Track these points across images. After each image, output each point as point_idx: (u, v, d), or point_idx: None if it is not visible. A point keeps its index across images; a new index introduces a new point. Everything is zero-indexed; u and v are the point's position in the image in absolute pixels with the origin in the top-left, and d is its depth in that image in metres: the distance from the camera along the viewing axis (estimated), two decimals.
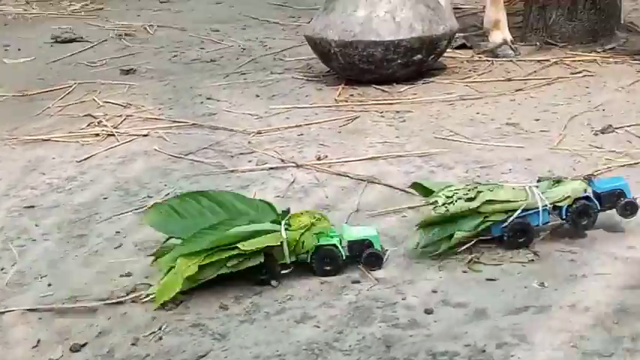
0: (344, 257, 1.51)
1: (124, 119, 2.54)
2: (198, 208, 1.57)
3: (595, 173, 1.81)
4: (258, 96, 2.77)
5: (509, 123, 2.30)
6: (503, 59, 2.99)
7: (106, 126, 2.44)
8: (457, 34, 2.97)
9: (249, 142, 2.27)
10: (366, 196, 1.86)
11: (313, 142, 2.25)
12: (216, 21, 4.11)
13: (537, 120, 2.31)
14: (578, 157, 1.98)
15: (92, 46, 3.64)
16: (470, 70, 2.93)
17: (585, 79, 2.67)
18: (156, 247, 1.62)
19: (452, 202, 1.53)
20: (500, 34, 3.05)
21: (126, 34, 3.82)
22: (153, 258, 1.54)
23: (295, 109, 2.59)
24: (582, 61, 2.89)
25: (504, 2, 3.15)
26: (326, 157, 2.12)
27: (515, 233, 1.52)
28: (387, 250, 1.54)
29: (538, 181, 1.61)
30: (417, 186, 1.69)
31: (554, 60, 2.92)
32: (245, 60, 3.28)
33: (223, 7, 4.52)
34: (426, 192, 1.64)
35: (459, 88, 2.71)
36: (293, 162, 2.09)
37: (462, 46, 3.15)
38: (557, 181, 1.59)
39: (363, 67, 2.74)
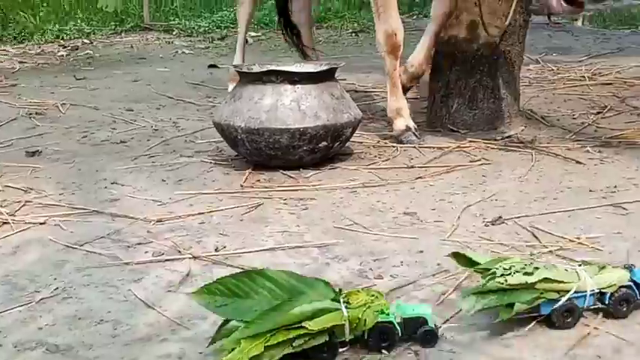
0: (400, 334, 1.55)
1: (23, 205, 2.48)
2: (253, 287, 1.58)
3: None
4: (164, 180, 2.76)
5: (406, 212, 2.36)
6: (408, 145, 3.09)
7: (1, 213, 2.38)
8: None
9: (148, 232, 2.25)
10: None
11: (213, 232, 2.25)
12: (131, 100, 4.12)
13: (433, 210, 2.37)
14: (467, 250, 2.04)
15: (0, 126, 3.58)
16: (375, 156, 3.00)
17: (482, 168, 2.77)
18: (37, 346, 1.57)
19: (510, 274, 1.59)
20: (404, 122, 3.15)
21: (36, 113, 3.78)
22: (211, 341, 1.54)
23: (200, 195, 2.59)
24: (481, 149, 3.01)
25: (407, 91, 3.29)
26: (224, 247, 2.12)
27: (563, 313, 1.59)
28: (440, 326, 1.59)
29: (579, 265, 1.70)
30: (458, 257, 1.73)
31: (454, 147, 3.03)
32: (155, 142, 3.29)
33: (140, 85, 4.54)
34: (468, 263, 1.71)
35: (363, 174, 2.77)
36: (190, 253, 2.08)
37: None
38: (602, 267, 1.68)
39: (269, 153, 2.79)
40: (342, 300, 1.54)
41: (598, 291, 1.63)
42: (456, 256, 1.73)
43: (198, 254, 2.07)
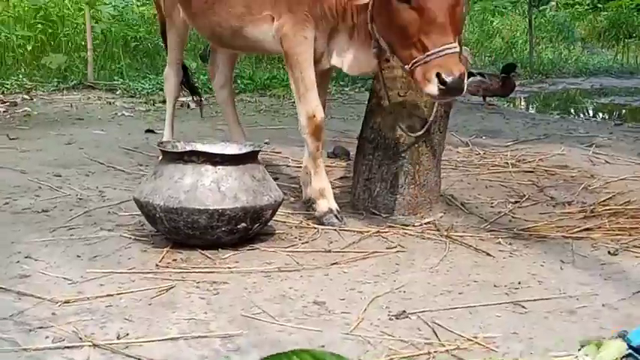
0: None
1: None
2: None
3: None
4: (79, 256, 2.74)
5: (316, 302, 2.39)
6: (329, 227, 3.14)
7: None
8: None
9: (52, 314, 2.22)
10: None
11: (119, 316, 2.23)
12: (60, 164, 4.09)
13: (342, 299, 2.41)
14: (368, 346, 2.07)
15: None
16: (295, 238, 3.04)
17: (397, 255, 2.83)
18: None
19: None
20: (326, 204, 3.21)
21: None
22: None
23: (113, 275, 2.57)
24: (399, 234, 3.07)
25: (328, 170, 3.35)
26: (126, 335, 2.11)
27: None
28: None
29: (581, 346, 1.77)
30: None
31: (374, 232, 3.09)
32: (78, 212, 3.26)
33: (72, 149, 4.51)
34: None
35: (280, 257, 2.80)
36: (90, 340, 2.05)
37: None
38: (598, 345, 1.75)
39: (188, 232, 2.80)
40: None
41: None
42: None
43: (99, 342, 2.05)
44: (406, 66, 2.71)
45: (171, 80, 4.13)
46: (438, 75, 2.59)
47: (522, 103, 7.96)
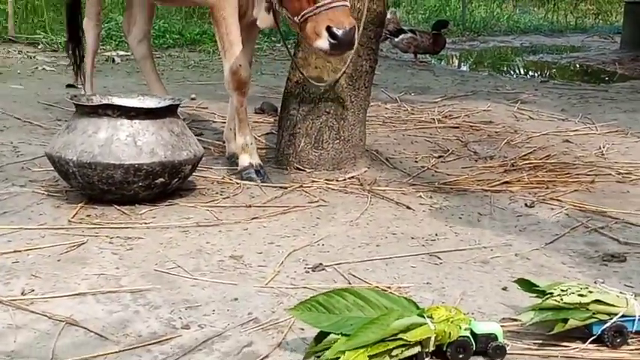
0: (474, 348, 1.71)
1: None
2: (345, 303, 1.74)
3: None
4: None
5: (232, 256, 2.35)
6: (252, 183, 3.10)
7: None
8: None
9: None
10: (61, 341, 1.79)
11: (25, 273, 2.15)
12: None
13: (260, 253, 2.38)
14: (282, 298, 2.05)
15: None
16: (217, 193, 2.99)
17: (318, 210, 2.81)
18: None
19: (566, 294, 1.80)
20: (248, 159, 3.16)
21: None
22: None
23: (22, 231, 2.48)
24: (322, 189, 3.06)
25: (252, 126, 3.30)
26: (32, 291, 2.04)
27: (613, 333, 1.78)
28: (508, 344, 1.75)
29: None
30: (522, 282, 1.92)
31: (297, 187, 3.06)
32: None
33: None
34: (531, 288, 1.89)
35: (199, 212, 2.75)
36: None
37: None
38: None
39: (102, 187, 2.71)
40: (425, 315, 1.71)
41: None
42: (520, 282, 1.92)
43: (2, 298, 1.98)
44: (295, 18, 2.64)
45: (90, 33, 3.97)
46: (329, 29, 2.54)
47: (453, 61, 8.02)
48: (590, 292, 1.83)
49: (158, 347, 1.77)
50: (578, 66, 7.87)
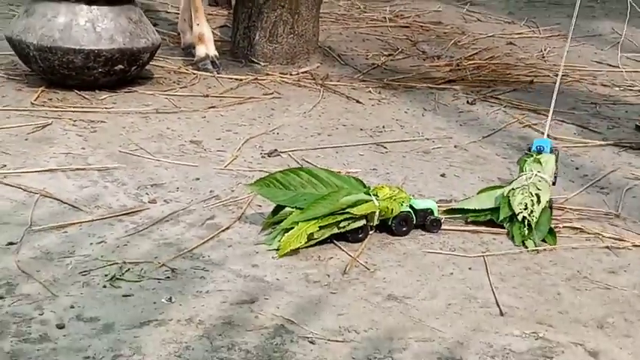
0: (414, 221, 1.94)
1: None
2: (300, 181, 1.95)
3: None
4: None
5: (192, 141, 2.53)
6: (208, 74, 3.23)
7: None
8: None
9: None
10: (38, 210, 1.97)
11: None
12: None
13: (218, 139, 2.56)
14: (240, 179, 2.25)
15: None
16: (174, 82, 3.12)
17: (273, 101, 2.99)
18: None
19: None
20: (204, 49, 3.28)
21: None
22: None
23: None
24: (276, 82, 3.22)
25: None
26: (4, 166, 2.19)
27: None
28: (442, 217, 2.01)
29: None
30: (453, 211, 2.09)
31: (252, 79, 3.22)
32: None
33: None
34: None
35: (158, 100, 2.89)
36: None
37: None
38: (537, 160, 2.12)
39: (63, 72, 2.82)
40: (371, 193, 1.92)
41: None
42: (452, 211, 2.09)
43: None
44: None
45: None
46: None
47: None
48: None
49: (128, 218, 1.96)
50: None
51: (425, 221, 1.98)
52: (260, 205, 2.08)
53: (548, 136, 2.31)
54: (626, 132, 2.87)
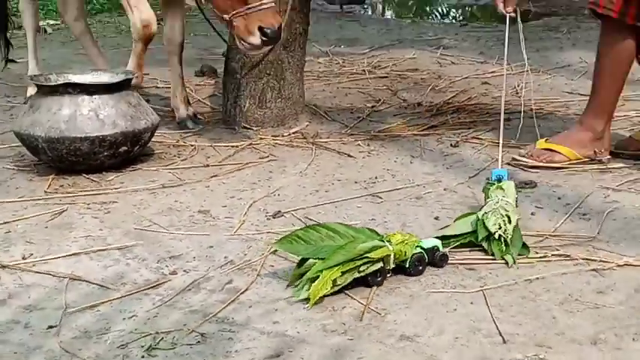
0: (427, 260, 2.16)
1: None
2: (319, 235, 2.17)
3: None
4: None
5: (200, 211, 2.71)
6: (205, 144, 3.43)
7: None
8: None
9: None
10: (70, 293, 2.13)
11: (20, 240, 2.47)
12: None
13: (224, 207, 2.74)
14: (251, 242, 2.43)
15: None
16: (174, 156, 3.32)
17: (270, 164, 3.18)
18: None
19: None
20: (185, 110, 3.68)
21: None
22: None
23: (4, 204, 2.77)
24: (270, 145, 3.42)
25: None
26: (31, 255, 2.36)
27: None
28: (447, 251, 2.24)
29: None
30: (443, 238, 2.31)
31: (247, 145, 3.42)
32: None
33: None
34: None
35: (162, 174, 3.08)
36: None
37: None
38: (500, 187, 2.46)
39: (71, 159, 3.01)
40: (385, 240, 2.14)
41: None
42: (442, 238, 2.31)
43: (7, 263, 2.30)
44: (224, 15, 2.97)
45: (28, 12, 4.17)
46: (261, 29, 2.92)
47: (377, 8, 8.38)
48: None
49: (154, 291, 2.13)
50: (495, 7, 8.34)
51: (434, 258, 2.19)
52: (272, 266, 2.26)
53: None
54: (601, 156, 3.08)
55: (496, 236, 2.25)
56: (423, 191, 2.82)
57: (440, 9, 8.41)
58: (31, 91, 3.95)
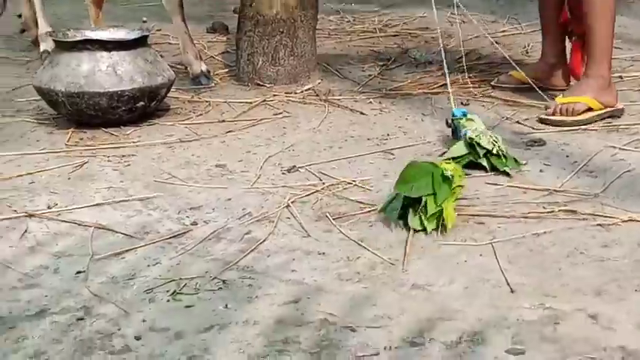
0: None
1: None
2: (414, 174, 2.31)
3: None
4: None
5: (217, 165, 2.79)
6: (220, 100, 3.49)
7: None
8: None
9: None
10: (95, 242, 2.22)
11: (44, 190, 2.56)
12: None
13: (240, 161, 2.82)
14: (267, 195, 2.51)
15: None
16: (190, 112, 3.38)
17: (283, 120, 3.25)
18: None
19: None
20: (199, 66, 3.71)
21: None
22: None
23: (27, 156, 2.85)
24: (283, 102, 3.48)
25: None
26: (56, 204, 2.45)
27: None
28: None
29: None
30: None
31: (260, 101, 3.48)
32: None
33: None
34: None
35: (179, 129, 3.15)
36: (25, 212, 2.38)
37: None
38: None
39: (90, 113, 3.08)
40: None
41: None
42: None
43: (33, 212, 2.38)
44: None
45: None
46: None
47: None
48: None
49: (176, 240, 2.22)
50: None
51: None
52: (289, 218, 2.34)
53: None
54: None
55: (494, 151, 2.58)
56: (434, 148, 2.89)
57: None
58: (45, 46, 4.03)
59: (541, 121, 3.11)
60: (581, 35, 3.33)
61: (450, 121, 2.87)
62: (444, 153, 2.74)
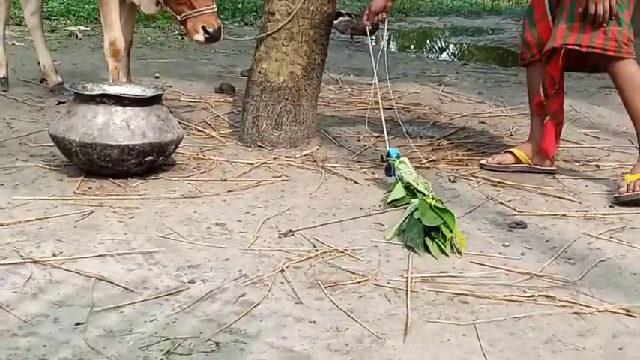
0: None
1: None
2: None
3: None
4: (2, 185, 2.93)
5: (217, 223, 2.75)
6: (223, 159, 3.46)
7: None
8: None
9: None
10: (96, 293, 2.16)
11: (51, 237, 2.50)
12: None
13: (239, 221, 2.78)
14: (263, 258, 2.47)
15: None
16: (194, 168, 3.35)
17: (282, 184, 3.22)
18: None
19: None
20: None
21: None
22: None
23: (37, 201, 2.80)
24: (283, 165, 3.46)
25: None
26: (61, 252, 2.39)
27: None
28: None
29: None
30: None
31: (261, 163, 3.46)
32: None
33: None
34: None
35: (183, 185, 3.12)
36: (30, 258, 2.32)
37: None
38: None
39: (101, 164, 3.05)
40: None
41: None
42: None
43: (38, 258, 2.32)
44: (178, 16, 3.54)
45: (2, 7, 4.39)
46: (204, 27, 3.49)
47: (384, 42, 8.44)
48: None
49: (173, 297, 2.16)
50: (493, 48, 8.44)
51: None
52: (282, 282, 2.29)
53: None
54: (587, 203, 3.13)
55: (430, 196, 2.82)
56: None
57: (442, 47, 8.49)
58: (55, 79, 4.42)
59: (617, 200, 3.11)
60: (554, 114, 3.40)
61: (385, 157, 3.14)
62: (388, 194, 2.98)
